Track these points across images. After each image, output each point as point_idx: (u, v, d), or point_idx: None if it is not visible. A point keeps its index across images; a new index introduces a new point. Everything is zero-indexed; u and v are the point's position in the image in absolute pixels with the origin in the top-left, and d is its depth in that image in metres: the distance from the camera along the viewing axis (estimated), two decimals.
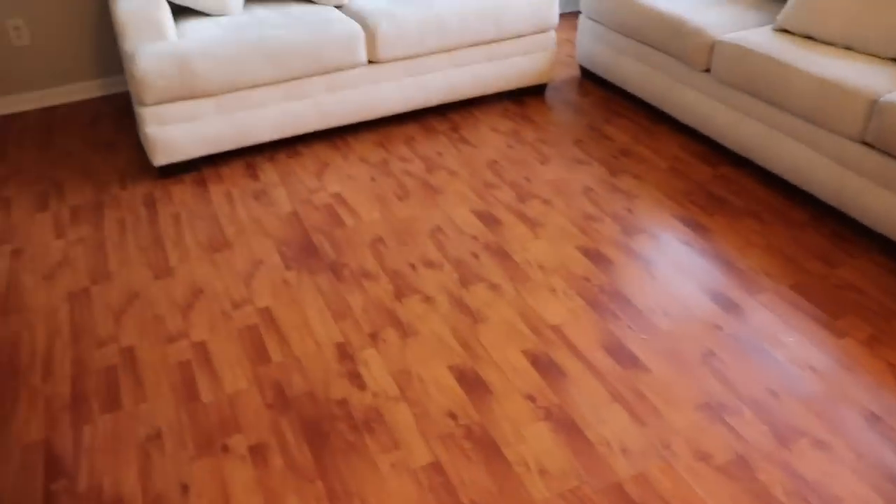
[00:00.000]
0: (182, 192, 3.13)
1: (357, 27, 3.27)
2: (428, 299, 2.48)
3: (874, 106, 2.57)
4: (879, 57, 2.81)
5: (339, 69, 3.29)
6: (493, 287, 2.53)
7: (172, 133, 3.11)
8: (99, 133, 3.67)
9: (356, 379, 2.17)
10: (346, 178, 3.19)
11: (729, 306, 2.41)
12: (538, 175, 3.17)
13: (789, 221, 2.85)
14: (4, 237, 2.88)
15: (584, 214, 2.90)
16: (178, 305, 2.49)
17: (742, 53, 2.99)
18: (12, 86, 3.87)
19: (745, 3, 3.39)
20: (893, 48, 2.77)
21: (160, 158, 3.15)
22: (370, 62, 3.37)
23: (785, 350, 2.24)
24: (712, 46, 3.14)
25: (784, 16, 3.06)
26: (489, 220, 2.88)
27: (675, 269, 2.60)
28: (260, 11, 3.43)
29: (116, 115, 3.85)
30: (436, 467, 1.90)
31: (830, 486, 1.83)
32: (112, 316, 2.46)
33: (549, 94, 3.94)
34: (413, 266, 2.64)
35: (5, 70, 3.81)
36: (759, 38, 3.01)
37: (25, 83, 3.90)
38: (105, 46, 4.02)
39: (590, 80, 4.10)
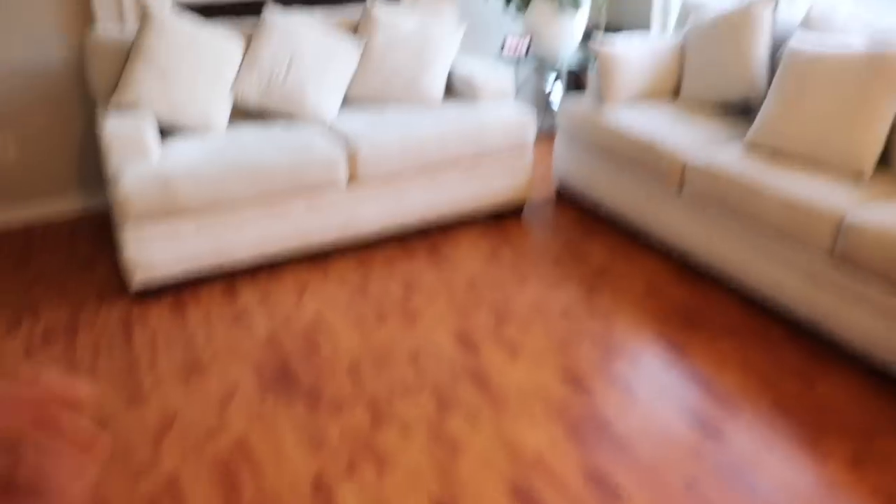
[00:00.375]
0: (159, 314, 3.11)
1: (338, 149, 3.34)
2: (406, 428, 2.44)
3: (841, 225, 2.63)
4: (843, 173, 2.89)
5: (319, 189, 3.34)
6: (472, 415, 2.49)
7: (152, 253, 3.12)
8: (78, 250, 3.67)
9: None
10: (326, 300, 3.18)
11: (709, 430, 2.39)
12: (516, 296, 3.18)
13: (766, 339, 2.86)
14: None
15: (562, 337, 2.90)
16: (150, 434, 2.44)
17: (712, 174, 3.07)
18: None
19: (711, 121, 3.49)
20: (856, 166, 2.85)
21: (139, 278, 3.14)
22: (351, 182, 3.42)
23: (768, 475, 2.20)
24: (684, 168, 3.22)
25: (751, 136, 3.16)
26: (468, 343, 2.87)
27: (654, 392, 2.58)
28: (243, 131, 3.50)
29: (97, 232, 3.86)
30: None
31: None
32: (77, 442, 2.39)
33: (526, 212, 4.01)
34: (391, 393, 2.61)
35: None
36: (729, 158, 3.09)
37: (8, 197, 3.92)
38: (89, 163, 4.07)
39: (567, 198, 4.17)
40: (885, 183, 2.84)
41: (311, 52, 3.64)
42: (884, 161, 2.96)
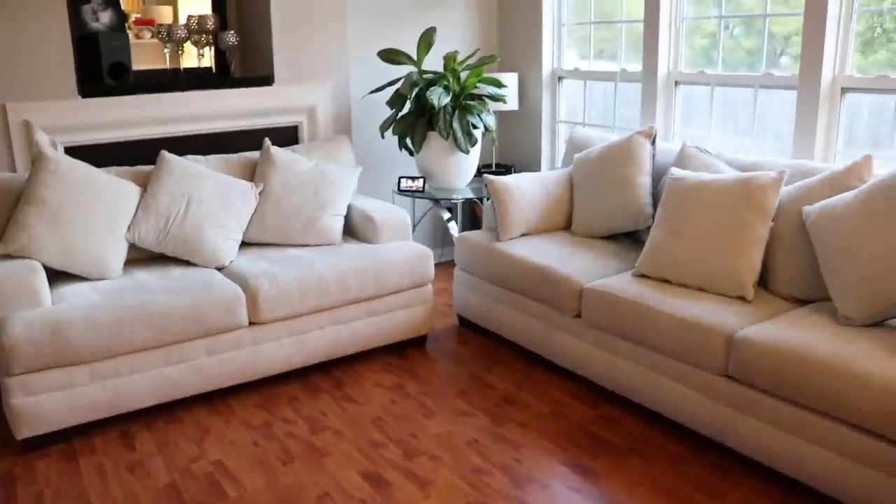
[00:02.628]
0: (48, 468, 2.92)
1: (238, 289, 3.32)
2: None
3: (730, 341, 2.76)
4: (728, 295, 3.06)
5: (220, 332, 3.29)
6: None
7: (41, 403, 2.97)
8: None
9: None
10: (228, 444, 3.07)
11: None
12: (424, 430, 3.16)
13: (671, 457, 2.91)
14: None
15: (472, 468, 2.87)
16: None
17: (608, 299, 3.19)
18: None
19: (603, 252, 3.65)
20: (738, 288, 3.03)
21: (25, 431, 2.97)
22: (251, 324, 3.38)
23: None
24: (580, 293, 3.34)
25: (641, 262, 3.32)
26: (377, 481, 2.81)
27: None
28: (140, 274, 3.45)
29: None
30: None
31: None
32: None
33: (429, 344, 4.03)
34: None
35: None
36: (622, 283, 3.23)
37: None
38: None
39: (468, 328, 4.24)
40: (766, 303, 3.01)
41: (208, 195, 3.66)
42: (763, 283, 3.15)
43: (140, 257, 3.68)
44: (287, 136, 4.51)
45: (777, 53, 3.86)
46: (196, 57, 4.45)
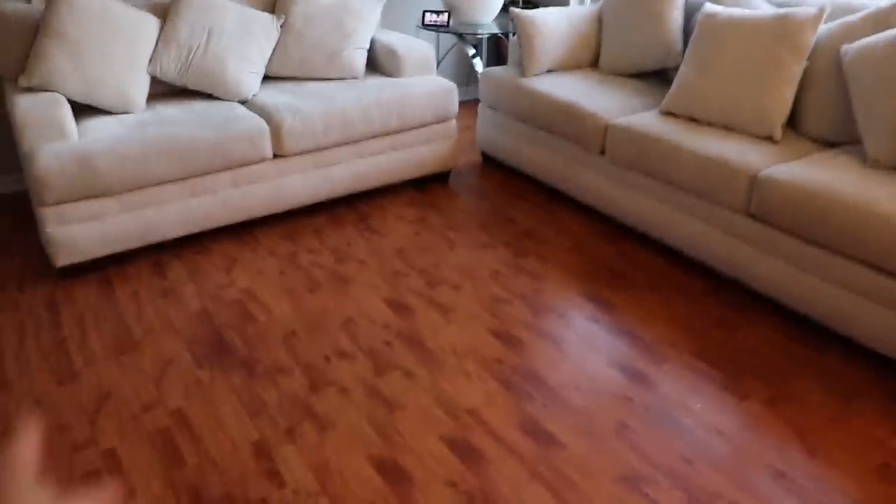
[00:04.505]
0: (86, 294, 3.05)
1: (262, 122, 3.31)
2: (343, 391, 2.47)
3: (754, 181, 2.75)
4: (755, 135, 3.02)
5: (245, 164, 3.32)
6: (408, 374, 2.54)
7: (75, 233, 3.05)
8: None
9: (275, 477, 2.13)
10: (256, 273, 3.17)
11: (637, 378, 2.49)
12: (446, 261, 3.23)
13: (689, 292, 2.98)
14: None
15: (493, 297, 2.96)
16: (85, 412, 2.40)
17: (633, 135, 3.16)
18: None
19: (630, 90, 3.60)
20: (766, 127, 2.99)
21: (62, 259, 3.07)
22: (276, 156, 3.40)
23: (693, 416, 2.31)
24: (606, 130, 3.31)
25: (668, 100, 3.26)
26: (400, 308, 2.91)
27: (583, 345, 2.67)
28: (163, 108, 3.45)
29: (10, 216, 3.75)
30: None
31: None
32: (10, 426, 2.35)
33: (452, 180, 4.06)
34: (327, 358, 2.63)
35: None
36: (648, 120, 3.20)
37: None
38: None
39: (491, 165, 4.24)
40: (794, 144, 2.98)
41: (229, 27, 3.60)
42: (791, 124, 3.11)
43: (162, 91, 3.67)
44: None
45: None
46: None
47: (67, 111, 3.12)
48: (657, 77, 3.80)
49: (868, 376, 2.50)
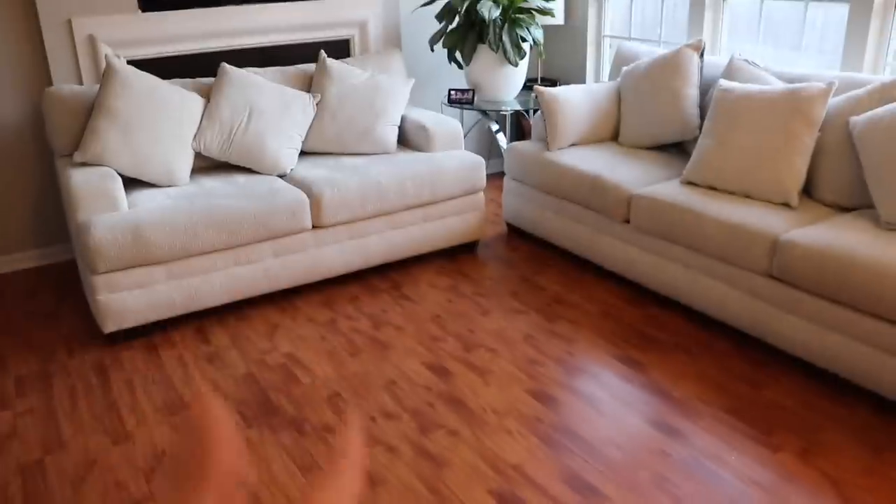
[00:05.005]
0: (133, 358, 3.17)
1: (302, 195, 3.49)
2: (391, 449, 2.56)
3: (775, 244, 2.90)
4: (773, 202, 3.18)
5: (285, 235, 3.47)
6: (452, 433, 2.64)
7: (123, 300, 3.19)
8: (39, 304, 3.70)
9: None
10: (297, 339, 3.30)
11: (672, 433, 2.59)
12: (480, 326, 3.36)
13: (715, 352, 3.09)
14: None
15: (527, 359, 3.08)
16: (141, 470, 2.50)
17: (657, 205, 3.33)
18: None
19: (651, 161, 3.78)
20: (783, 194, 3.15)
21: (110, 325, 3.20)
22: (315, 227, 3.56)
23: (729, 468, 2.40)
24: (629, 200, 3.48)
25: (688, 170, 3.44)
26: (439, 370, 3.02)
27: (618, 403, 2.77)
28: (206, 182, 3.63)
29: (56, 286, 3.90)
30: None
31: None
32: (70, 485, 2.44)
33: (480, 250, 4.21)
34: (373, 418, 2.73)
35: None
36: (670, 190, 3.36)
37: None
38: (45, 218, 4.12)
39: (517, 235, 4.40)
40: (810, 209, 3.14)
41: (269, 106, 3.81)
42: (807, 191, 3.27)
43: (204, 166, 3.86)
44: (339, 50, 4.63)
45: None
46: None
47: (119, 184, 3.30)
48: (676, 149, 3.99)
49: None
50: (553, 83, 5.30)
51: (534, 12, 4.64)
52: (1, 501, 2.38)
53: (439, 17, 4.61)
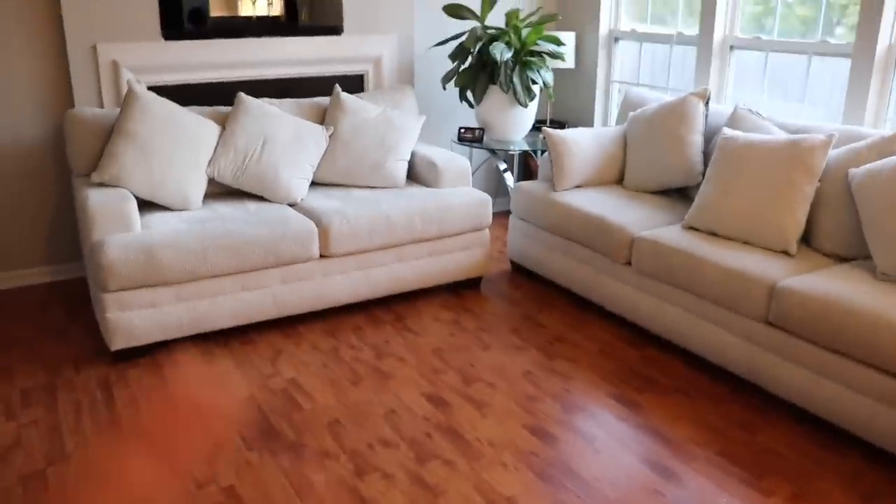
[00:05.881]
0: (138, 376, 3.22)
1: (312, 224, 3.56)
2: (387, 476, 2.60)
3: (773, 291, 2.96)
4: (772, 249, 3.24)
5: (293, 262, 3.54)
6: (448, 463, 2.67)
7: (132, 319, 3.25)
8: (49, 319, 3.77)
9: None
10: (300, 365, 3.35)
11: (667, 474, 2.62)
12: (480, 361, 3.41)
13: (712, 396, 3.13)
14: None
15: (526, 395, 3.12)
16: None
17: (658, 248, 3.39)
18: None
19: (653, 204, 3.85)
20: (782, 242, 3.21)
21: (118, 343, 3.26)
22: (322, 256, 3.63)
23: None
24: (632, 242, 3.54)
25: (690, 216, 3.51)
26: (439, 402, 3.07)
27: (613, 442, 2.81)
28: (219, 207, 3.71)
29: (66, 302, 3.97)
30: None
31: None
32: (69, 498, 2.47)
33: (484, 286, 4.27)
34: (371, 445, 2.77)
35: None
36: (672, 234, 3.43)
37: None
38: (58, 235, 4.20)
39: (520, 273, 4.47)
40: (808, 258, 3.20)
41: (283, 136, 3.90)
42: (805, 240, 3.33)
43: (217, 192, 3.94)
44: (353, 85, 4.73)
45: (833, 23, 3.97)
46: (266, 5, 4.66)
47: (134, 206, 3.38)
48: (679, 194, 4.07)
49: (887, 478, 2.63)
50: (562, 125, 5.40)
51: (545, 56, 4.75)
52: None
53: (452, 56, 4.72)
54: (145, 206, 3.67)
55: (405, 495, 2.50)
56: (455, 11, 4.69)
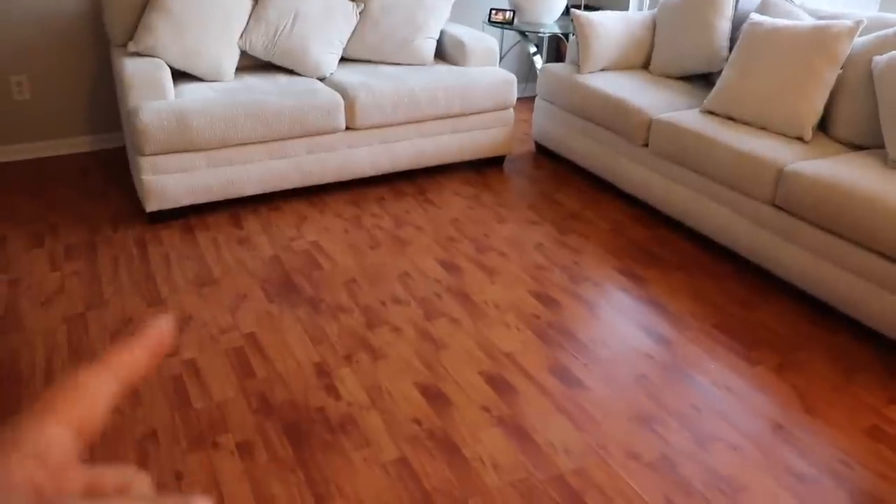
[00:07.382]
0: (171, 237, 3.43)
1: (338, 97, 3.67)
2: (396, 329, 2.79)
3: (781, 174, 3.01)
4: (787, 135, 3.28)
5: (319, 133, 3.67)
6: (454, 321, 2.85)
7: (166, 182, 3.43)
8: (90, 184, 3.97)
9: (332, 391, 2.46)
10: (323, 230, 3.52)
11: (660, 340, 2.77)
12: (495, 232, 3.54)
13: (715, 274, 3.24)
14: (1, 268, 3.14)
15: (535, 265, 3.26)
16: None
17: (675, 130, 3.44)
18: (8, 137, 4.17)
19: (676, 89, 3.87)
20: (797, 128, 3.24)
21: (152, 205, 3.45)
22: (348, 128, 3.75)
23: (706, 375, 2.58)
24: (650, 124, 3.59)
25: (709, 100, 3.53)
26: (451, 267, 3.23)
27: (614, 310, 2.95)
28: (250, 79, 3.82)
29: (106, 169, 4.17)
30: (402, 461, 2.18)
31: (740, 478, 2.15)
32: (107, 335, 2.72)
33: (506, 165, 4.37)
34: (383, 303, 2.95)
35: (3, 122, 4.13)
36: (689, 117, 3.47)
37: (21, 135, 4.21)
38: (99, 105, 4.37)
39: (543, 154, 4.54)
40: (822, 145, 3.23)
41: (314, 11, 3.96)
42: (823, 127, 3.35)
43: (249, 64, 4.05)
44: None
45: None
46: None
47: (168, 75, 3.51)
48: (703, 80, 4.07)
49: (871, 354, 2.74)
50: (596, 10, 5.34)
51: None
52: (49, 344, 2.66)
53: None
54: (179, 77, 3.79)
55: (411, 346, 2.69)
56: None
